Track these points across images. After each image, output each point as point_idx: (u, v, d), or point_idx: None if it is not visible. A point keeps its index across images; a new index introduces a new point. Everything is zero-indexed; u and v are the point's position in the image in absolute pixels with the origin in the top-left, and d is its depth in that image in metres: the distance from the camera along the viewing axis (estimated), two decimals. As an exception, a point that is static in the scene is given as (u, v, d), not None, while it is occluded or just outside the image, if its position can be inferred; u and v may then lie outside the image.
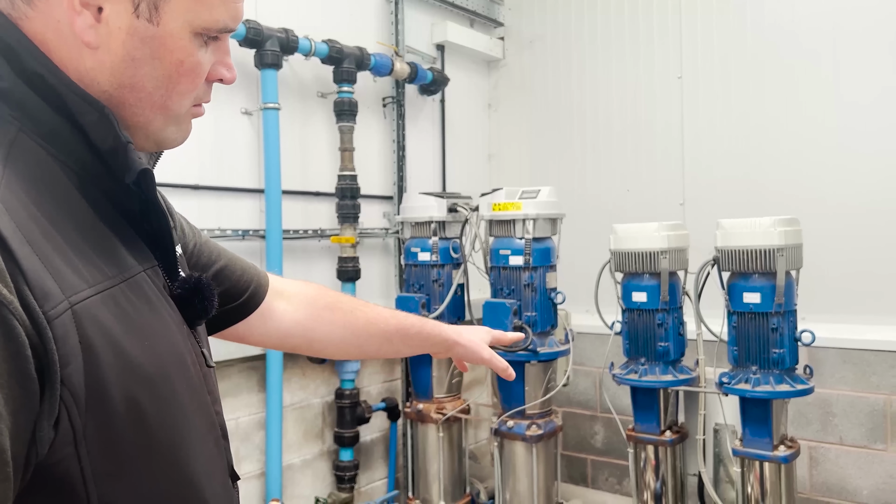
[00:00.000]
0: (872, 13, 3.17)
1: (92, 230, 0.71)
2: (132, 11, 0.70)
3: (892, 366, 3.04)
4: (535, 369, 3.04)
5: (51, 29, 0.69)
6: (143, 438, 0.68)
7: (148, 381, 0.69)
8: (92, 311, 0.64)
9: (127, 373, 0.66)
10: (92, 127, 0.71)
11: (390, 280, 3.78)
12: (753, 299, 2.55)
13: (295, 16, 3.24)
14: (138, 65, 0.72)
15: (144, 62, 0.72)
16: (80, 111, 0.70)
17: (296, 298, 1.23)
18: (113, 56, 0.71)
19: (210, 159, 2.97)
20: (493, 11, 4.44)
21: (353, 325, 1.28)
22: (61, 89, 0.70)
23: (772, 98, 3.46)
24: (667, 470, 2.89)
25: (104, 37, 0.70)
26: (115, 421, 0.65)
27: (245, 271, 1.14)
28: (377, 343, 1.32)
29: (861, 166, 3.21)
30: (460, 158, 4.28)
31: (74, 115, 0.70)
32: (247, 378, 3.07)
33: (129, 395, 0.66)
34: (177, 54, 0.74)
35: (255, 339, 1.19)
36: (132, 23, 0.71)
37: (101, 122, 0.71)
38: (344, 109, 3.34)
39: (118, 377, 0.65)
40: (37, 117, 0.69)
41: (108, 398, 0.64)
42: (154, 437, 0.70)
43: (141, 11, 0.70)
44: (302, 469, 3.32)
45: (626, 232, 2.86)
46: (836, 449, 3.19)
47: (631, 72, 3.94)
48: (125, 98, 0.74)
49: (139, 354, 0.68)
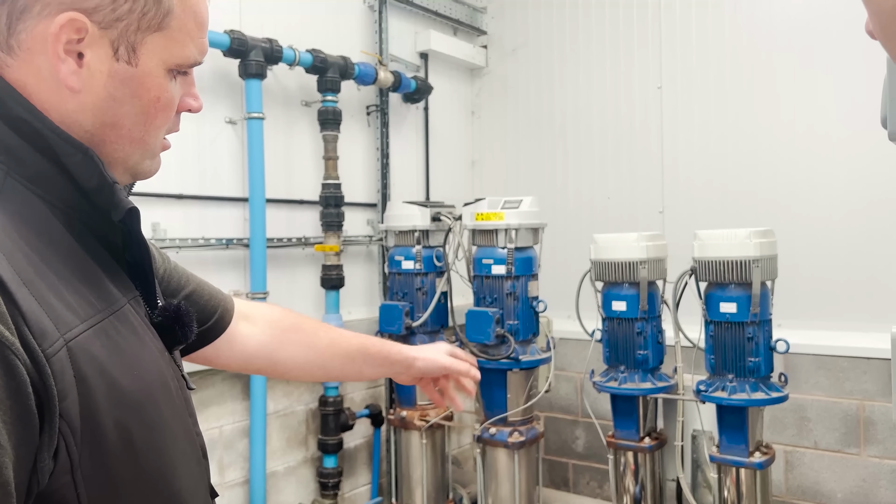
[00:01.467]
0: (846, 26, 3.24)
1: (80, 265, 0.74)
2: (112, 55, 0.75)
3: (865, 372, 3.12)
4: (517, 377, 3.08)
5: (32, 75, 0.73)
6: (133, 463, 0.72)
7: (137, 408, 0.72)
8: (85, 345, 0.68)
9: (117, 401, 0.69)
10: (76, 167, 0.74)
11: (374, 288, 3.81)
12: (730, 309, 2.61)
13: (279, 25, 3.26)
14: (119, 104, 0.76)
15: (125, 101, 0.77)
16: (65, 153, 0.73)
17: (260, 321, 1.27)
18: (95, 97, 0.75)
19: (194, 168, 2.98)
20: (476, 20, 4.48)
21: (317, 346, 1.31)
22: (45, 133, 0.73)
23: (749, 109, 3.53)
24: (646, 475, 2.94)
25: (86, 80, 0.74)
26: (108, 448, 0.68)
27: (212, 296, 1.19)
28: (340, 362, 1.35)
29: (834, 176, 3.29)
30: (444, 166, 4.31)
31: (59, 157, 0.73)
32: (231, 386, 3.09)
33: (120, 423, 0.69)
34: (154, 91, 0.78)
35: (221, 362, 1.23)
36: (112, 66, 0.75)
37: (86, 162, 0.74)
38: (328, 118, 3.36)
39: (109, 406, 0.68)
40: (23, 160, 0.72)
41: (101, 427, 0.67)
42: (143, 461, 0.73)
43: (120, 55, 0.75)
44: (286, 476, 3.34)
45: (606, 242, 2.91)
46: (810, 453, 3.26)
47: (612, 81, 3.99)
48: (106, 136, 0.77)
49: (128, 383, 0.72)
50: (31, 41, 0.72)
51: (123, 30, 0.74)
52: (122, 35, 0.75)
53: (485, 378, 3.14)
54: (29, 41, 0.72)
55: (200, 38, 0.82)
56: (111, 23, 0.73)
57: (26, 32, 0.71)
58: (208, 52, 0.88)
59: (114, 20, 0.74)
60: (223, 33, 2.91)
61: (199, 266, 2.97)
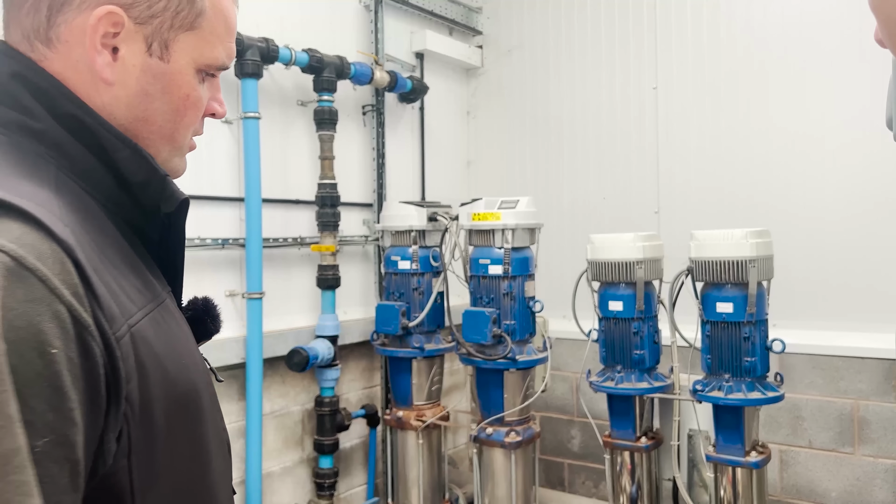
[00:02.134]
0: (842, 28, 3.26)
1: (128, 257, 0.77)
2: (145, 51, 0.77)
3: (860, 371, 3.14)
4: (513, 377, 3.08)
5: (69, 68, 0.75)
6: (176, 452, 0.74)
7: (183, 398, 0.75)
8: (143, 332, 0.70)
9: (167, 390, 0.72)
10: (124, 162, 0.76)
11: (370, 288, 3.80)
12: (726, 309, 2.62)
13: (275, 25, 3.25)
14: (151, 99, 0.79)
15: (156, 97, 0.79)
16: (113, 148, 0.76)
17: None
18: (128, 91, 0.77)
19: (190, 168, 2.92)
20: (472, 20, 4.48)
21: None
22: (95, 128, 0.75)
23: (744, 110, 3.54)
24: (642, 475, 2.95)
25: (120, 74, 0.77)
26: (157, 434, 0.70)
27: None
28: None
29: (829, 176, 3.31)
30: (439, 166, 4.31)
31: (107, 152, 0.75)
32: (227, 386, 3.07)
33: (168, 411, 0.72)
34: (184, 89, 0.81)
35: None
36: (145, 61, 0.78)
37: (134, 157, 0.77)
38: (324, 118, 3.36)
39: (161, 393, 0.71)
40: (71, 156, 0.74)
41: (154, 413, 0.70)
42: (185, 451, 0.76)
43: (153, 51, 0.78)
44: (282, 477, 3.33)
45: (602, 242, 2.92)
46: (805, 452, 3.28)
47: (607, 82, 4.00)
48: (139, 131, 0.80)
49: (177, 373, 0.75)
50: (69, 33, 0.74)
51: (157, 26, 0.77)
52: (156, 31, 0.77)
53: (481, 378, 3.15)
54: (67, 33, 0.74)
55: (229, 42, 0.85)
56: (146, 19, 0.76)
57: (66, 25, 0.73)
58: None
59: (149, 16, 0.76)
60: (219, 32, 2.90)
61: (194, 265, 2.96)
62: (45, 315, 0.58)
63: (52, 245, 0.62)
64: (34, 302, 0.58)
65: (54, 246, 0.62)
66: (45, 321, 0.58)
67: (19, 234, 0.60)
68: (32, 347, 0.57)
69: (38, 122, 0.72)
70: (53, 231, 0.62)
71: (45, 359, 0.57)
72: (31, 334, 0.57)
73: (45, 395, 0.57)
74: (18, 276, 0.58)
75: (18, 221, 0.61)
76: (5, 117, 0.72)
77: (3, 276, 0.57)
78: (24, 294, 0.58)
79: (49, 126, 0.73)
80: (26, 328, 0.57)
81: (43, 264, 0.60)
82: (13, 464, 0.54)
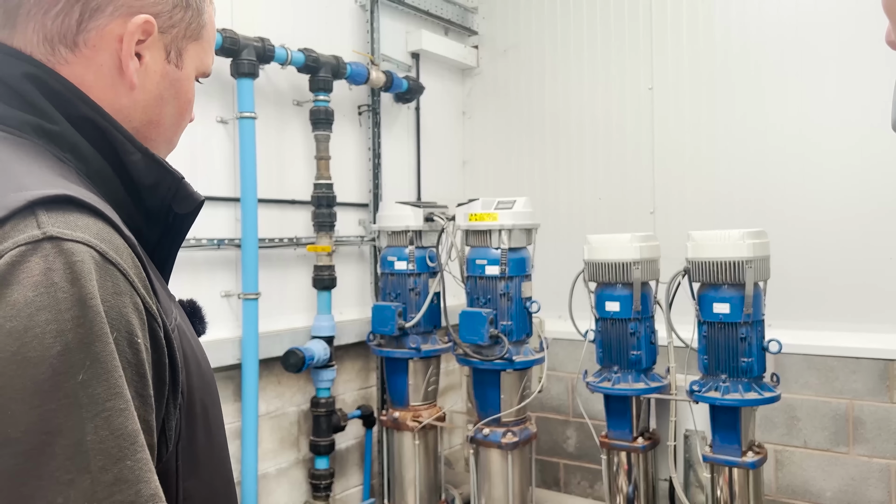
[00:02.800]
0: (836, 30, 3.27)
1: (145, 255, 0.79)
2: (164, 58, 0.82)
3: (854, 371, 3.15)
4: (510, 377, 3.08)
5: (92, 72, 0.77)
6: (209, 441, 0.78)
7: (209, 388, 0.80)
8: (182, 325, 0.76)
9: (200, 380, 0.77)
10: (135, 165, 0.78)
11: (366, 288, 3.79)
12: (723, 310, 2.62)
13: (271, 24, 3.24)
14: (164, 103, 0.84)
15: (168, 101, 0.84)
16: (125, 151, 0.77)
17: None
18: (147, 95, 0.81)
19: (185, 168, 2.89)
20: (468, 20, 4.48)
21: None
22: (109, 131, 0.76)
23: (740, 110, 3.55)
24: (639, 475, 2.96)
25: (143, 79, 0.80)
26: (196, 423, 0.75)
27: None
28: None
29: (824, 177, 3.32)
30: (435, 166, 4.31)
31: (118, 155, 0.77)
32: (222, 387, 3.06)
33: (202, 401, 0.77)
34: (189, 94, 0.87)
35: None
36: (165, 67, 0.82)
37: (147, 161, 0.79)
38: (320, 118, 3.35)
39: (198, 384, 0.76)
40: (86, 158, 0.75)
41: (194, 403, 0.74)
42: (214, 440, 0.80)
43: (171, 58, 0.83)
44: (277, 478, 3.32)
45: (599, 242, 2.92)
46: (800, 452, 3.29)
47: (603, 82, 4.01)
48: (149, 133, 0.83)
49: (203, 364, 0.80)
50: (98, 38, 0.76)
51: (175, 35, 0.82)
52: (174, 40, 0.82)
53: (478, 378, 3.14)
54: (97, 39, 0.76)
55: (213, 51, 0.92)
56: (167, 28, 0.81)
57: (97, 30, 0.76)
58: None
59: (169, 26, 0.81)
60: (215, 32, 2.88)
61: (190, 266, 2.94)
62: (129, 306, 0.62)
63: (122, 240, 0.65)
64: (121, 294, 0.61)
65: (123, 241, 0.65)
66: (130, 312, 0.62)
67: (97, 229, 0.63)
68: (125, 337, 0.61)
69: (53, 124, 0.73)
70: (121, 227, 0.66)
71: (133, 348, 0.61)
72: (123, 325, 0.61)
73: (133, 383, 0.61)
74: (105, 269, 0.61)
75: (93, 217, 0.63)
76: (21, 119, 0.72)
77: (95, 270, 0.60)
78: (113, 287, 0.61)
79: (65, 128, 0.74)
80: (119, 319, 0.60)
81: (121, 258, 0.63)
82: (138, 443, 0.58)
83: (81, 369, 0.56)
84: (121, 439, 0.57)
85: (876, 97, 3.17)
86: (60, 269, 0.58)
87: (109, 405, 0.57)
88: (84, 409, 0.56)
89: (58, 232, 0.59)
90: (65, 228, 0.60)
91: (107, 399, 0.57)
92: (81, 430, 0.55)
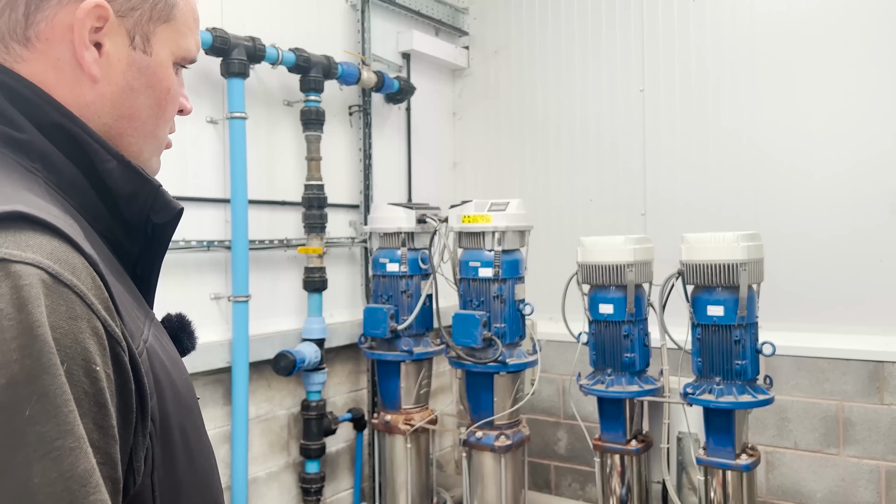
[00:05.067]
0: (827, 31, 3.29)
1: (119, 271, 0.75)
2: (129, 44, 0.75)
3: (845, 373, 3.17)
4: (503, 380, 3.06)
5: (50, 68, 0.72)
6: (190, 466, 0.73)
7: (189, 411, 0.75)
8: (153, 347, 0.70)
9: (178, 404, 0.71)
10: (111, 174, 0.73)
11: (357, 290, 3.76)
12: (717, 312, 2.62)
13: (261, 24, 3.20)
14: (136, 94, 0.77)
15: (141, 91, 0.77)
16: (101, 159, 0.72)
17: None
18: (113, 87, 0.75)
19: (174, 169, 2.90)
20: (459, 21, 4.46)
21: None
22: (83, 138, 0.71)
23: (731, 113, 3.56)
24: (632, 477, 2.95)
25: (105, 70, 0.74)
26: (174, 450, 0.70)
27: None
28: None
29: (815, 180, 3.34)
30: (426, 167, 4.28)
31: (93, 163, 0.72)
32: (212, 391, 3.02)
33: (181, 426, 0.71)
34: (165, 82, 0.80)
35: None
36: (130, 55, 0.76)
37: (123, 169, 0.74)
38: (311, 118, 3.31)
39: (174, 408, 0.70)
40: (57, 168, 0.70)
41: (170, 428, 0.69)
42: (196, 465, 0.75)
43: (136, 44, 0.76)
44: (267, 482, 3.28)
45: (593, 245, 2.91)
46: (791, 454, 3.30)
47: (594, 84, 4.00)
48: (123, 129, 0.77)
49: (181, 386, 0.74)
50: (50, 30, 0.70)
51: (138, 19, 0.75)
52: (137, 24, 0.75)
53: (471, 381, 3.12)
54: (48, 31, 0.70)
55: (197, 34, 0.85)
56: (127, 11, 0.74)
57: (46, 21, 0.70)
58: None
59: (129, 9, 0.74)
60: (205, 31, 2.85)
61: (179, 268, 2.90)
62: (85, 332, 0.57)
63: (81, 259, 0.60)
64: (76, 319, 0.57)
65: (83, 260, 0.60)
66: (87, 338, 0.57)
67: (51, 249, 0.58)
68: (80, 366, 0.56)
69: (21, 132, 0.68)
70: (80, 245, 0.60)
71: (91, 377, 0.57)
72: (78, 352, 0.56)
73: (91, 414, 0.56)
74: (57, 293, 0.56)
75: (47, 235, 0.59)
76: None
77: (45, 293, 0.55)
78: (67, 311, 0.56)
79: (34, 137, 0.69)
80: (73, 346, 0.56)
81: (78, 279, 0.58)
82: (91, 484, 0.54)
83: (28, 404, 0.52)
84: (70, 481, 0.52)
85: (866, 100, 3.19)
86: (6, 294, 0.53)
87: (59, 444, 0.52)
88: (31, 449, 0.51)
89: (5, 253, 0.55)
90: (13, 249, 0.55)
91: (56, 437, 0.52)
92: (28, 472, 0.51)
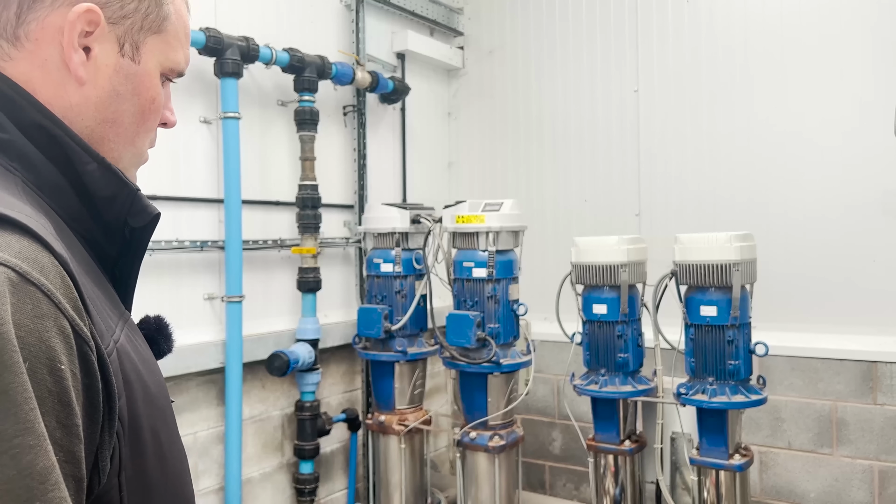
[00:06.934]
0: (821, 32, 3.29)
1: (94, 272, 0.75)
2: (118, 51, 0.77)
3: (838, 373, 3.18)
4: (497, 380, 3.06)
5: (37, 68, 0.72)
6: (161, 467, 0.73)
7: (161, 413, 0.75)
8: (124, 347, 0.70)
9: (149, 404, 0.71)
10: (91, 175, 0.73)
11: (351, 291, 3.76)
12: (710, 312, 2.63)
13: (255, 24, 3.20)
14: (121, 100, 0.78)
15: (126, 97, 0.78)
16: (81, 160, 0.73)
17: None
18: (99, 91, 0.76)
19: (168, 169, 2.90)
20: (453, 21, 4.46)
21: None
22: (63, 139, 0.72)
23: (725, 113, 3.56)
24: (626, 477, 2.95)
25: (92, 74, 0.75)
26: (144, 451, 0.70)
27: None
28: None
29: (809, 180, 3.34)
30: (420, 167, 4.28)
31: (73, 165, 0.72)
32: (205, 392, 3.01)
33: (152, 427, 0.72)
34: (151, 91, 0.81)
35: None
36: (118, 61, 0.77)
37: (103, 171, 0.74)
38: (305, 118, 3.31)
39: (145, 409, 0.70)
40: (36, 168, 0.71)
41: (140, 429, 0.69)
42: (168, 466, 0.75)
43: (125, 51, 0.77)
44: (261, 483, 3.28)
45: (587, 245, 2.91)
46: (784, 453, 3.31)
47: (588, 84, 4.00)
48: (105, 133, 0.78)
49: (153, 387, 0.74)
50: (40, 31, 0.72)
51: (129, 27, 0.77)
52: (128, 32, 0.77)
53: (465, 381, 3.12)
54: (38, 31, 0.72)
55: (187, 48, 0.86)
56: (118, 19, 0.76)
57: (37, 22, 0.71)
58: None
59: (121, 17, 0.76)
60: (198, 31, 2.84)
61: (173, 269, 2.89)
62: (51, 330, 0.57)
63: (51, 258, 0.60)
64: (42, 318, 0.57)
65: (53, 259, 0.60)
66: (52, 337, 0.57)
67: (19, 247, 0.58)
68: (44, 364, 0.56)
69: (2, 131, 0.69)
70: (50, 244, 0.61)
71: (55, 375, 0.57)
72: (42, 351, 0.56)
73: (55, 412, 0.57)
74: (24, 291, 0.57)
75: (17, 234, 0.59)
76: None
77: (10, 292, 0.55)
78: (33, 309, 0.57)
79: (14, 136, 0.70)
80: (37, 345, 0.56)
81: (46, 278, 0.58)
82: (50, 481, 0.54)
83: None
84: (29, 479, 0.53)
85: (859, 102, 3.19)
86: None
87: (17, 441, 0.53)
88: None
89: None
90: None
91: (14, 435, 0.53)
92: None
